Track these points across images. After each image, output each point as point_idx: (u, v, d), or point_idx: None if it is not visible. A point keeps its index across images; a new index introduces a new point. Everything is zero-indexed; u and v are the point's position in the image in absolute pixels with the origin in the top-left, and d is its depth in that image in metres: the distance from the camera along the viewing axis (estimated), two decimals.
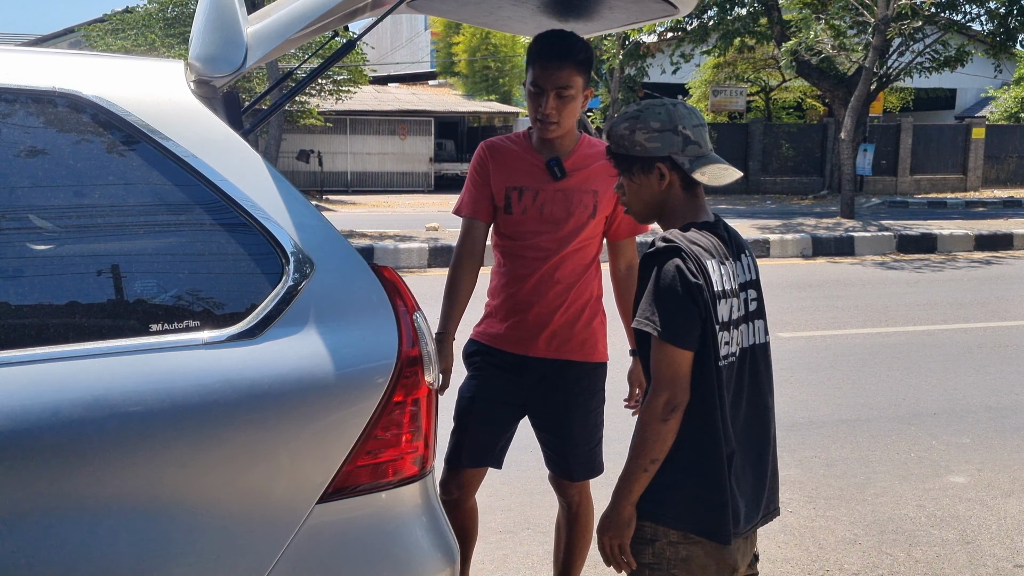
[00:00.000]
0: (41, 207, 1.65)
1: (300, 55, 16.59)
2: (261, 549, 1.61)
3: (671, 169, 1.88)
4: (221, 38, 1.77)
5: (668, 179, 1.89)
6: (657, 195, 1.92)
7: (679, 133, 1.86)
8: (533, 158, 2.55)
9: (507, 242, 2.61)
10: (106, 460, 1.53)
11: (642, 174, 1.90)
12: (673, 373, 1.80)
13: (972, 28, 20.64)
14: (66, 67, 1.73)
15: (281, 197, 1.69)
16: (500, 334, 2.61)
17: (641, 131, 1.87)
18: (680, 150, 1.87)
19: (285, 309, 1.63)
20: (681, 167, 1.87)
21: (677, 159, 1.87)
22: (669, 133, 1.86)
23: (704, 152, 1.90)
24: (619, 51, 14.10)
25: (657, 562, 1.89)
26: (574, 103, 2.43)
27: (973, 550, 3.43)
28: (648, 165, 1.88)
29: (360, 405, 1.66)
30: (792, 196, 23.10)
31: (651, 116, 1.87)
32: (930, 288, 9.47)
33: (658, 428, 1.82)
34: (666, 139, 1.86)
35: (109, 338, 1.58)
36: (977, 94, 32.75)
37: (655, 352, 1.82)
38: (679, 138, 1.87)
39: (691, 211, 1.94)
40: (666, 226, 1.95)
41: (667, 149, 1.86)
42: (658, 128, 1.86)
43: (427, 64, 36.39)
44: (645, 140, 1.87)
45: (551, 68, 2.39)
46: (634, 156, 1.89)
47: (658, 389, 1.81)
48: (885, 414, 5.11)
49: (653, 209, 1.97)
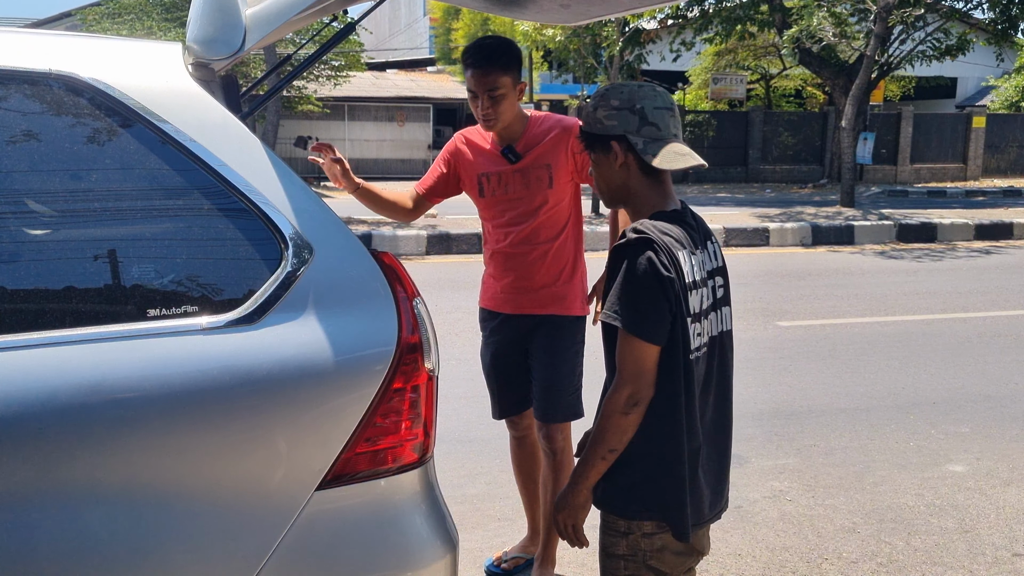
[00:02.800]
0: (37, 191, 1.63)
1: (297, 40, 16.50)
2: (259, 535, 1.60)
3: (626, 150, 1.86)
4: (220, 20, 1.75)
5: (623, 159, 1.86)
6: (617, 176, 1.90)
7: (636, 112, 1.84)
8: (493, 147, 2.90)
9: (488, 221, 2.99)
10: (104, 446, 1.52)
11: (601, 152, 1.89)
12: (638, 368, 1.78)
13: (973, 16, 20.58)
14: (63, 49, 1.71)
15: (280, 182, 1.68)
16: (494, 297, 2.99)
17: (602, 108, 1.86)
18: (635, 130, 1.84)
19: (284, 295, 1.62)
20: (634, 147, 1.84)
21: (631, 138, 1.84)
22: (626, 112, 1.84)
23: (663, 136, 1.86)
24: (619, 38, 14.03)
25: (632, 553, 1.89)
26: (507, 99, 2.74)
27: (972, 539, 3.44)
28: (605, 143, 1.87)
29: (359, 392, 1.65)
30: (792, 185, 23.06)
31: (613, 95, 1.87)
32: (930, 277, 9.46)
33: (619, 421, 1.81)
34: (622, 117, 1.84)
35: (107, 323, 1.56)
36: (978, 83, 32.68)
37: (621, 345, 1.80)
38: (635, 117, 1.84)
39: (657, 198, 1.91)
40: (633, 213, 1.93)
41: (622, 128, 1.84)
42: (616, 106, 1.85)
43: (426, 50, 36.27)
44: (604, 117, 1.86)
45: (479, 74, 2.70)
46: (595, 134, 1.88)
47: (622, 382, 1.80)
48: (884, 403, 5.10)
49: (616, 192, 1.94)
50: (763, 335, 6.71)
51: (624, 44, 14.12)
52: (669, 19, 19.60)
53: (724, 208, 15.98)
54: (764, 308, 7.65)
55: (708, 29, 20.01)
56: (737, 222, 12.51)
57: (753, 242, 11.91)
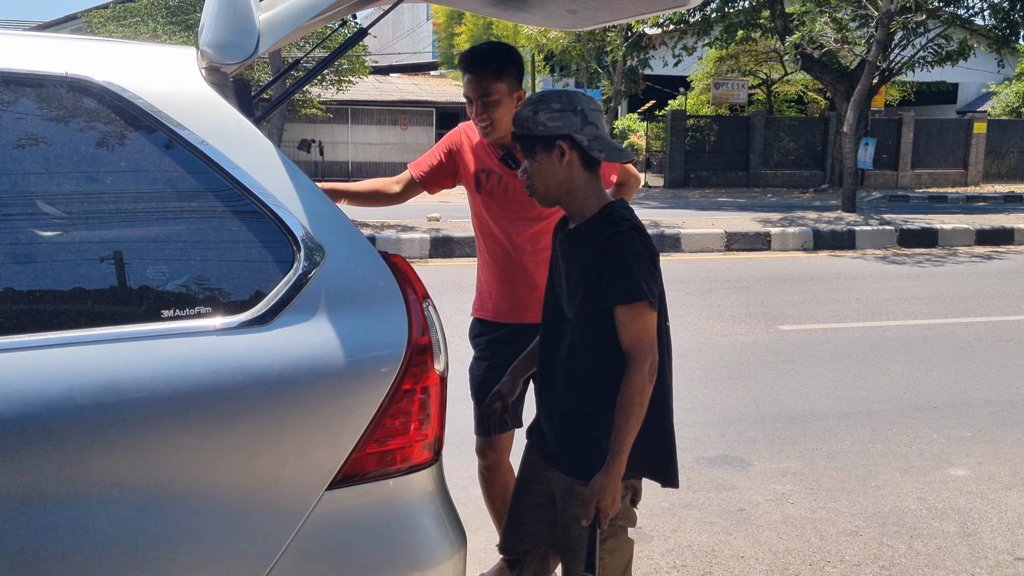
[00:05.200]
0: (53, 193, 1.65)
1: (304, 45, 16.54)
2: (270, 535, 1.62)
3: (571, 147, 1.99)
4: (233, 25, 1.77)
5: (568, 157, 1.99)
6: (559, 174, 2.02)
7: (578, 113, 1.98)
8: (494, 150, 2.81)
9: (483, 221, 2.87)
10: (117, 445, 1.53)
11: (544, 153, 2.00)
12: (652, 337, 1.97)
13: (975, 22, 20.60)
14: (78, 53, 1.73)
15: (292, 184, 1.70)
16: (489, 308, 2.88)
17: (543, 112, 1.98)
18: (579, 129, 1.98)
19: (296, 296, 1.64)
20: (580, 145, 1.98)
21: (576, 137, 1.98)
22: (569, 113, 1.98)
23: (601, 134, 2.02)
24: (622, 43, 14.06)
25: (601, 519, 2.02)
26: (502, 106, 2.65)
27: (974, 543, 3.45)
28: (549, 144, 1.99)
29: (370, 392, 1.66)
30: (793, 189, 23.08)
31: (552, 99, 2.00)
32: (931, 282, 9.48)
33: (647, 392, 1.96)
34: (566, 118, 1.98)
35: (121, 324, 1.58)
36: (979, 89, 32.71)
37: (635, 320, 1.95)
38: (578, 118, 1.98)
39: (599, 191, 2.07)
40: (575, 208, 2.06)
41: (567, 128, 1.98)
42: (559, 108, 1.98)
43: (429, 54, 36.33)
44: (547, 119, 1.98)
45: (473, 80, 2.65)
46: (536, 136, 1.99)
47: (643, 354, 1.95)
48: (886, 407, 5.12)
49: (556, 190, 2.05)
50: (765, 339, 6.72)
51: (627, 49, 14.15)
52: (671, 24, 19.63)
53: (726, 212, 16.00)
54: (766, 312, 7.67)
55: (710, 34, 20.04)
56: (739, 226, 12.53)
57: (755, 246, 11.92)
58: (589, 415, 2.05)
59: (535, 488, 2.23)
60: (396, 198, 2.96)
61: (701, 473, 4.11)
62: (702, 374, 5.75)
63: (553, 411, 2.14)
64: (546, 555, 2.25)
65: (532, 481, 2.23)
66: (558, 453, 2.13)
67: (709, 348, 6.45)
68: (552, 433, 2.14)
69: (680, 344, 6.49)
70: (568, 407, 2.08)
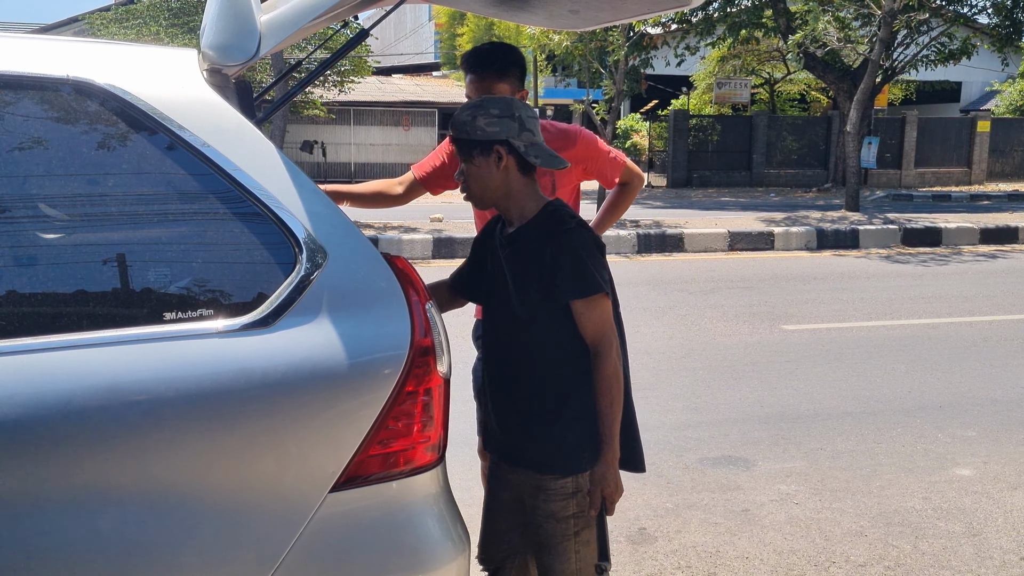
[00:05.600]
0: (55, 196, 1.65)
1: (305, 46, 16.55)
2: (273, 537, 1.61)
3: (508, 152, 2.05)
4: (235, 27, 1.77)
5: (505, 161, 2.05)
6: (496, 177, 2.08)
7: (516, 119, 2.05)
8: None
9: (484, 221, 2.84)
10: (119, 448, 1.53)
11: (481, 157, 2.06)
12: (611, 323, 2.06)
13: (978, 21, 20.56)
14: (79, 55, 1.73)
15: (294, 186, 1.69)
16: None
17: (482, 117, 2.04)
18: (516, 135, 2.05)
19: (298, 298, 1.64)
20: (517, 150, 2.05)
21: (514, 142, 2.04)
22: (507, 119, 2.04)
23: (537, 141, 2.08)
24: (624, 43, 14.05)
25: (580, 510, 2.08)
26: None
27: (979, 542, 3.44)
28: (487, 148, 2.05)
29: (372, 394, 1.66)
30: (796, 189, 23.05)
31: (491, 105, 2.07)
32: (935, 281, 9.46)
33: (621, 373, 2.06)
34: (504, 124, 2.04)
35: (123, 326, 1.58)
36: (982, 87, 32.64)
37: (593, 310, 2.03)
38: (516, 124, 2.05)
39: (536, 194, 2.13)
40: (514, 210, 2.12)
41: (505, 133, 2.04)
42: (497, 114, 2.04)
43: (431, 55, 36.35)
44: (485, 124, 2.04)
45: (476, 80, 2.65)
46: (475, 140, 2.04)
47: (608, 342, 2.04)
48: (890, 407, 5.11)
49: (492, 193, 2.11)
50: (769, 339, 6.71)
51: (629, 49, 14.14)
52: (674, 24, 19.62)
53: (728, 212, 15.98)
54: (769, 312, 7.66)
55: (713, 34, 20.02)
56: (742, 226, 12.51)
57: (758, 246, 11.91)
58: (553, 410, 2.09)
59: (503, 495, 2.24)
60: (399, 199, 2.97)
61: (705, 473, 4.10)
62: (706, 374, 5.74)
63: (514, 413, 2.15)
64: (525, 560, 2.27)
65: (500, 488, 2.25)
66: (526, 454, 2.14)
67: (712, 348, 6.44)
68: (516, 434, 2.16)
69: (683, 344, 6.52)
70: (530, 406, 2.11)
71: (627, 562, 3.27)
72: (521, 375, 2.12)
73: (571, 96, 30.13)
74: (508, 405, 2.16)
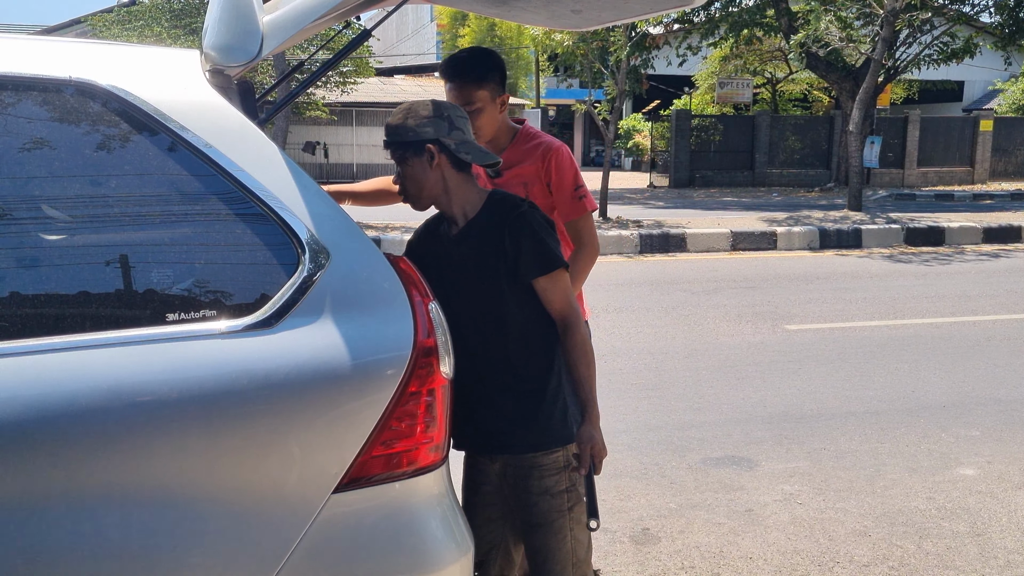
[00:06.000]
0: (58, 197, 1.65)
1: (307, 47, 16.56)
2: (277, 539, 1.61)
3: (440, 151, 2.11)
4: (237, 27, 1.76)
5: (437, 160, 2.11)
6: (431, 176, 2.13)
7: (445, 119, 2.11)
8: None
9: None
10: (122, 449, 1.53)
11: (415, 157, 2.11)
12: (572, 294, 2.16)
13: (980, 20, 20.54)
14: (81, 56, 1.73)
15: (297, 187, 1.69)
16: None
17: (411, 119, 2.10)
18: (446, 134, 2.10)
19: (301, 299, 1.63)
20: (447, 147, 2.10)
21: (444, 141, 2.10)
22: (436, 119, 2.10)
23: (467, 139, 2.15)
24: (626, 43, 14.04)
25: (572, 485, 2.15)
26: (485, 113, 2.63)
27: (984, 542, 3.43)
28: (419, 148, 2.10)
29: (375, 395, 1.66)
30: (798, 189, 23.02)
31: (420, 107, 2.12)
32: (938, 281, 9.44)
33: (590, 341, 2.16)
34: (434, 124, 2.10)
35: (126, 327, 1.58)
36: (985, 86, 32.61)
37: (557, 284, 2.12)
38: (445, 123, 2.11)
39: (474, 187, 2.18)
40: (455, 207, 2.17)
41: (435, 133, 2.10)
42: (427, 115, 2.10)
43: (433, 56, 36.35)
44: (415, 126, 2.09)
45: (454, 88, 2.61)
46: (407, 142, 2.10)
47: (575, 312, 2.14)
48: (894, 406, 5.10)
49: (429, 191, 2.16)
50: (771, 339, 6.70)
51: (631, 49, 14.13)
52: (676, 24, 19.61)
53: (731, 212, 15.97)
54: (772, 312, 7.65)
55: (714, 34, 20.01)
56: (744, 226, 12.50)
57: (760, 246, 11.90)
58: (533, 390, 2.14)
59: (483, 488, 2.26)
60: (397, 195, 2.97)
61: (708, 474, 4.10)
62: (708, 374, 5.74)
63: (497, 400, 2.16)
64: (508, 550, 2.29)
65: (479, 482, 2.27)
66: (512, 437, 2.16)
67: (715, 348, 6.44)
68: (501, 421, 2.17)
69: (686, 344, 6.52)
70: (514, 390, 2.14)
71: (630, 562, 3.26)
72: (503, 362, 2.14)
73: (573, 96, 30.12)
74: (493, 394, 2.16)
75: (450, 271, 2.17)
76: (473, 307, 2.15)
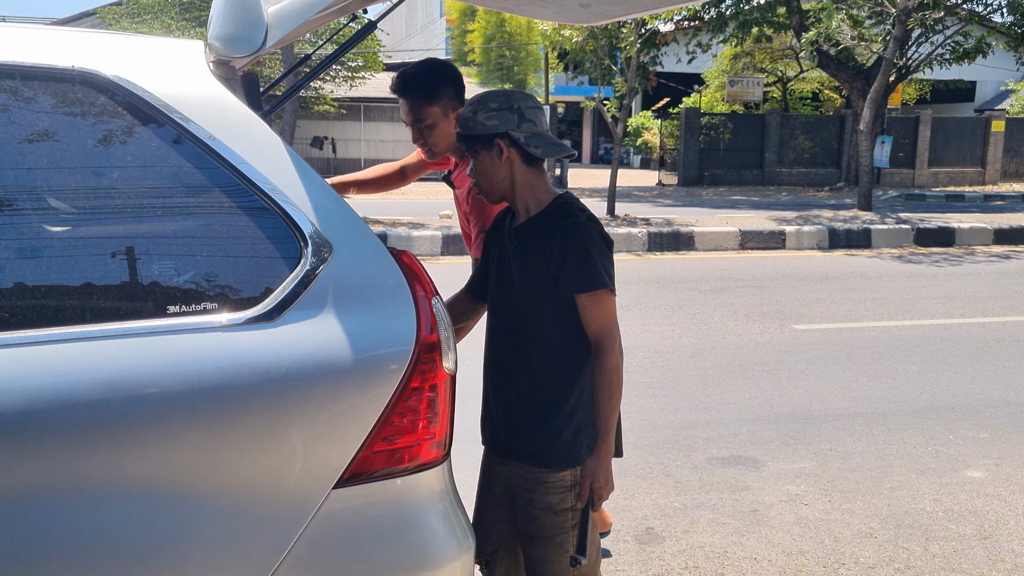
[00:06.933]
0: (60, 187, 1.64)
1: (315, 40, 16.57)
2: (277, 533, 1.60)
3: (509, 145, 2.05)
4: (241, 18, 1.75)
5: (507, 154, 2.05)
6: (500, 171, 2.08)
7: (514, 111, 2.05)
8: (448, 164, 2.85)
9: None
10: (122, 442, 1.52)
11: (485, 151, 2.06)
12: (615, 319, 2.06)
13: (993, 20, 20.39)
14: (85, 46, 1.72)
15: (300, 180, 1.68)
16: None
17: (481, 112, 2.05)
18: (516, 127, 2.04)
19: (303, 293, 1.62)
20: (517, 141, 2.04)
21: (513, 134, 2.04)
22: (505, 112, 2.04)
23: (539, 131, 2.07)
24: (636, 40, 13.99)
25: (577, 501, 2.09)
26: (437, 129, 2.60)
27: (991, 545, 3.40)
28: (488, 142, 2.05)
29: (377, 390, 1.64)
30: (808, 188, 22.94)
31: (490, 99, 2.06)
32: (948, 282, 9.39)
33: (621, 372, 2.05)
34: (503, 117, 2.04)
35: (127, 320, 1.57)
36: (997, 87, 32.42)
37: (599, 306, 2.03)
38: (515, 116, 2.04)
39: (545, 184, 2.13)
40: (521, 202, 2.12)
41: (504, 126, 2.04)
42: (495, 108, 2.04)
43: (442, 51, 36.31)
44: (484, 119, 2.04)
45: (405, 104, 2.59)
46: (476, 135, 2.04)
47: (612, 338, 2.04)
48: (902, 408, 5.06)
49: (499, 186, 2.11)
50: (779, 338, 6.67)
51: (641, 46, 14.08)
52: (686, 21, 19.53)
53: (740, 211, 15.92)
54: (780, 311, 7.61)
55: (725, 31, 19.93)
56: (753, 225, 12.46)
57: (769, 245, 11.85)
58: (551, 404, 2.09)
59: (494, 488, 2.24)
60: (403, 180, 3.02)
61: (714, 473, 4.08)
62: (715, 374, 5.71)
63: (512, 405, 2.15)
64: (515, 552, 2.27)
65: (492, 482, 2.25)
66: (520, 446, 2.14)
67: (723, 347, 6.41)
68: (512, 427, 2.15)
69: (693, 343, 6.49)
70: (529, 398, 2.11)
71: (634, 561, 3.25)
72: (524, 367, 2.11)
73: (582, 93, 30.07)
74: (510, 397, 2.15)
75: (502, 262, 2.15)
76: (509, 304, 2.13)
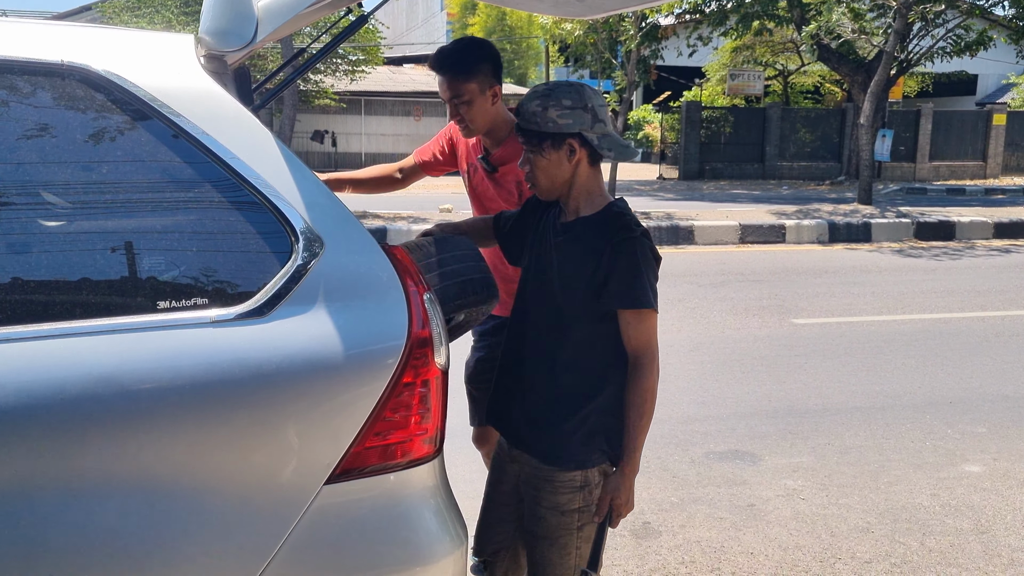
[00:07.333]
0: (49, 183, 1.63)
1: (313, 33, 16.54)
2: (268, 529, 1.60)
3: (581, 146, 1.96)
4: (232, 12, 1.74)
5: (578, 155, 1.97)
6: (565, 171, 1.99)
7: (589, 111, 1.95)
8: (478, 148, 2.79)
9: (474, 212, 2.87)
10: (113, 438, 1.52)
11: (553, 150, 1.97)
12: (656, 338, 2.00)
13: (994, 13, 20.33)
14: (75, 41, 1.71)
15: (291, 175, 1.67)
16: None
17: (553, 108, 1.93)
18: (590, 127, 1.95)
19: (294, 288, 1.61)
20: (590, 143, 1.95)
21: (587, 135, 1.95)
22: (580, 110, 1.94)
23: (609, 131, 1.99)
24: (636, 33, 13.96)
25: (586, 505, 2.05)
26: (475, 106, 2.59)
27: (988, 540, 3.40)
28: (559, 141, 1.95)
29: (369, 386, 1.64)
30: (809, 182, 22.91)
31: (562, 94, 1.95)
32: (948, 276, 9.38)
33: (656, 392, 1.99)
34: (577, 116, 1.94)
35: (117, 315, 1.56)
36: (999, 80, 32.35)
37: (644, 324, 1.97)
38: (589, 116, 1.95)
39: (602, 187, 2.06)
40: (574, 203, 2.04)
41: (578, 126, 1.94)
42: (570, 105, 1.93)
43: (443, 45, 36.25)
44: (557, 116, 1.93)
45: (443, 81, 2.58)
46: (546, 132, 1.94)
47: (651, 357, 1.98)
48: (900, 402, 5.06)
49: (559, 185, 2.03)
50: (778, 332, 6.67)
51: (641, 39, 14.06)
52: (686, 14, 19.48)
53: (740, 205, 15.90)
54: (780, 305, 7.61)
55: (725, 24, 19.88)
56: (753, 219, 12.44)
57: (769, 239, 11.84)
58: (568, 403, 2.04)
59: (501, 487, 2.22)
60: (399, 183, 3.00)
61: (711, 468, 4.08)
62: (714, 368, 5.71)
63: (528, 394, 2.11)
64: (517, 553, 2.25)
65: (499, 480, 2.23)
66: (531, 439, 2.11)
67: (721, 341, 6.40)
68: (525, 416, 2.12)
69: (692, 337, 6.48)
70: (547, 393, 2.07)
71: (630, 556, 3.25)
72: (548, 363, 2.06)
73: None
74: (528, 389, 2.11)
75: (543, 252, 2.09)
76: (543, 296, 2.07)
